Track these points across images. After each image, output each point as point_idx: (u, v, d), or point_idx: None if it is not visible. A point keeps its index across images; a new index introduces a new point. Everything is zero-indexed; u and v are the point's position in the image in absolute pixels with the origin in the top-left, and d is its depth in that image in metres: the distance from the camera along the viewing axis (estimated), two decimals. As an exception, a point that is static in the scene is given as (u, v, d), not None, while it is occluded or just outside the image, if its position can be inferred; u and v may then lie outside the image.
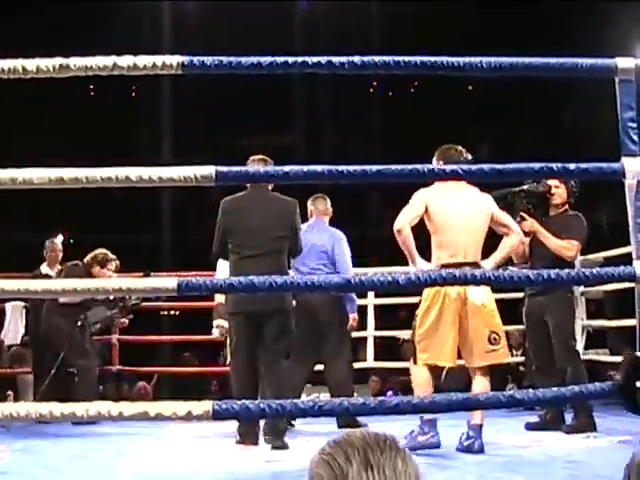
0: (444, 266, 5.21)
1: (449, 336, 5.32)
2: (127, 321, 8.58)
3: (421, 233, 5.51)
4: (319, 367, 7.03)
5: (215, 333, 7.23)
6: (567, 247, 6.17)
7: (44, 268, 8.63)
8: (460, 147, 5.64)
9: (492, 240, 5.60)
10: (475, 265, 5.35)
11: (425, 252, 5.47)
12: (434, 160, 5.55)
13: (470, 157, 5.59)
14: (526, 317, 6.48)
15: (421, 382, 5.34)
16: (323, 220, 6.99)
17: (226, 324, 6.58)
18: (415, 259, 5.36)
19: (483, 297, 5.34)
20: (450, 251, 5.39)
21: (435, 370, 5.52)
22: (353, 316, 6.98)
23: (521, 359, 8.72)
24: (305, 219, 6.80)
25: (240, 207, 5.90)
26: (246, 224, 5.83)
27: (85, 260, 7.99)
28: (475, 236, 5.46)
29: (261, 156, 5.99)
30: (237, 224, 5.86)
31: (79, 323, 7.73)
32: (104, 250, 8.13)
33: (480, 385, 5.40)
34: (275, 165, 3.45)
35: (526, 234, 6.11)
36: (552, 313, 6.22)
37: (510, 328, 7.78)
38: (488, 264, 5.43)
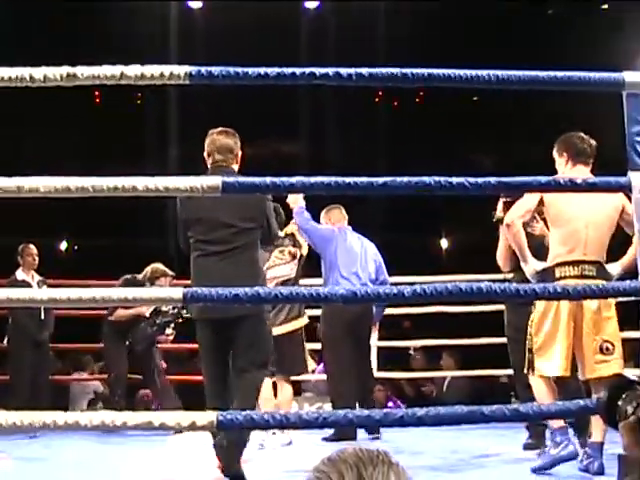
0: (560, 264, 4.80)
1: (564, 344, 4.80)
2: (171, 337, 8.48)
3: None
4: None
5: None
6: None
7: (20, 274, 8.49)
8: (582, 134, 5.06)
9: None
10: (598, 264, 4.85)
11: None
12: (556, 152, 5.10)
13: (594, 143, 5.05)
14: (515, 330, 6.19)
15: (543, 396, 4.80)
16: (347, 227, 7.02)
17: None
18: (527, 257, 4.88)
19: (600, 302, 4.78)
20: (568, 246, 4.84)
21: (557, 381, 4.95)
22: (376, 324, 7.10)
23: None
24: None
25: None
26: (208, 215, 4.90)
27: (142, 275, 8.10)
28: (599, 231, 4.87)
29: (221, 128, 5.23)
30: (197, 215, 4.93)
31: (127, 342, 8.00)
32: (160, 265, 8.24)
33: None
34: (281, 175, 3.40)
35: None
36: None
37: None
38: (615, 269, 4.92)
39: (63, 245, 16.88)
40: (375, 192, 3.40)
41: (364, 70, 3.46)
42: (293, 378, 6.95)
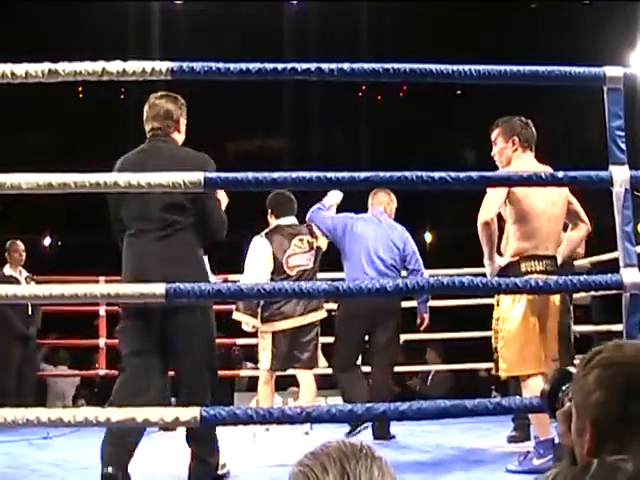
0: (525, 258, 4.76)
1: (536, 340, 4.73)
2: None
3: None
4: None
5: (246, 328, 6.80)
6: None
7: (7, 270, 8.51)
8: (524, 119, 5.05)
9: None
10: (555, 258, 4.86)
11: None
12: (499, 135, 5.01)
13: (535, 132, 5.03)
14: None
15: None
16: (382, 212, 6.79)
17: (252, 320, 6.38)
18: (493, 256, 4.79)
19: (559, 297, 4.82)
20: (533, 242, 4.80)
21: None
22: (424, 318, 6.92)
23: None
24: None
25: (129, 168, 4.06)
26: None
27: None
28: (557, 226, 4.90)
29: (162, 92, 4.56)
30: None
31: None
32: None
33: None
34: (263, 170, 3.35)
35: None
36: None
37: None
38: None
39: (47, 241, 16.84)
40: (357, 187, 3.40)
41: (345, 65, 3.47)
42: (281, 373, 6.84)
